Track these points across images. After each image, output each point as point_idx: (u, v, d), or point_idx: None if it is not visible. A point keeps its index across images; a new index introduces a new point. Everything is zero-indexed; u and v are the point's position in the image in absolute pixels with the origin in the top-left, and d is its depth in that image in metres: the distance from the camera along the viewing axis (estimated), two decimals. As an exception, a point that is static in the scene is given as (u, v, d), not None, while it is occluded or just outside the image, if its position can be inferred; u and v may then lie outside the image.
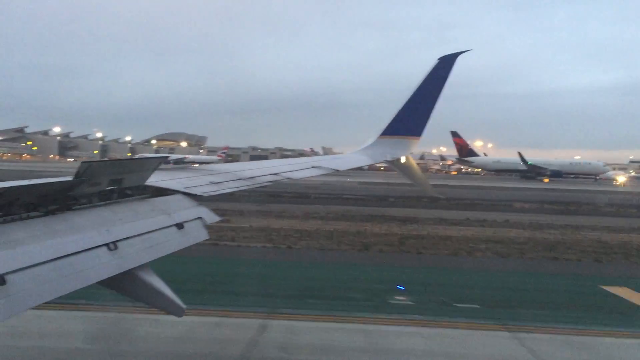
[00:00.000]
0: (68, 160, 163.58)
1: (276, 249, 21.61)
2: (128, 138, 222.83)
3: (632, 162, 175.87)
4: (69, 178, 3.74)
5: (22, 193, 3.45)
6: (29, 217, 3.44)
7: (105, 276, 3.43)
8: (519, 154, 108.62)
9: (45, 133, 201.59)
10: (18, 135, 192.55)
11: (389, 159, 12.15)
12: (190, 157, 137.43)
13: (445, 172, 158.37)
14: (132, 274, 3.70)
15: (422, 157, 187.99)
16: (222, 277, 17.01)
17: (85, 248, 3.43)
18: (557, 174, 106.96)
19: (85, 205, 3.95)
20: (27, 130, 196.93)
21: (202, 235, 4.64)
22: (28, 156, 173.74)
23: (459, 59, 11.97)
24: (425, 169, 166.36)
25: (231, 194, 6.16)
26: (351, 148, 13.79)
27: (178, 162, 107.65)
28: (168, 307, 3.86)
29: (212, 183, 6.00)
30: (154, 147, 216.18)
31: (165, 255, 4.06)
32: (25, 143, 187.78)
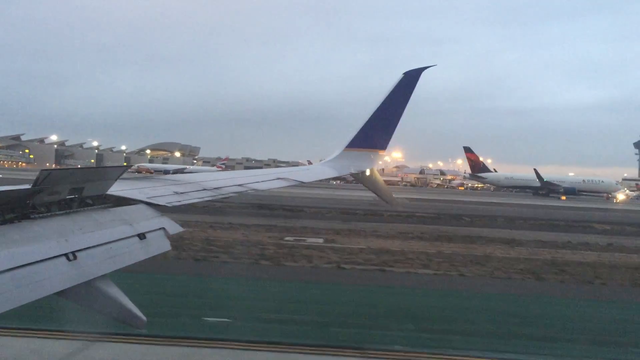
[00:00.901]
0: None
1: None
2: (123, 147, 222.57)
3: (625, 179, 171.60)
4: (28, 186, 3.66)
5: None
6: None
7: (63, 287, 3.36)
8: (535, 170, 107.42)
9: (42, 141, 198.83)
10: (15, 142, 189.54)
11: (353, 171, 12.30)
12: (191, 167, 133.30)
13: (447, 187, 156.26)
14: (92, 285, 3.64)
15: (421, 172, 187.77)
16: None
17: (43, 258, 3.35)
18: (571, 191, 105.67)
19: (44, 215, 3.86)
20: (23, 138, 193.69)
21: (164, 246, 4.60)
22: (24, 164, 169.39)
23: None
24: (425, 184, 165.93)
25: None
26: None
27: (178, 172, 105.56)
28: (128, 319, 3.80)
29: (176, 193, 5.95)
30: (148, 156, 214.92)
31: (126, 266, 4.01)
32: (23, 151, 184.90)
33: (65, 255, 3.53)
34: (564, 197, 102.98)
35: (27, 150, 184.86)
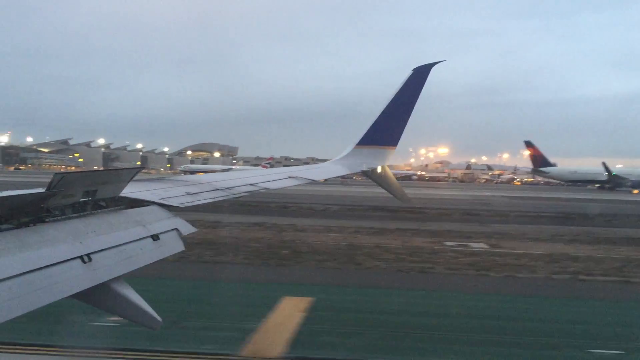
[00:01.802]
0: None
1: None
2: (165, 149, 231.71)
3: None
4: (42, 190, 3.68)
5: None
6: (0, 230, 3.38)
7: (78, 289, 3.38)
8: (603, 163, 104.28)
9: (88, 145, 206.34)
10: (63, 147, 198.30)
11: (365, 168, 12.25)
12: (235, 168, 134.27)
13: (496, 182, 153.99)
14: (107, 286, 3.65)
15: (468, 167, 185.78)
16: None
17: (58, 261, 3.37)
18: (638, 185, 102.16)
19: (58, 218, 3.88)
20: (71, 142, 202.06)
21: (178, 246, 4.61)
22: (73, 168, 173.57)
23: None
24: (472, 179, 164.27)
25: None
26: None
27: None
28: (144, 320, 3.81)
29: (188, 194, 5.96)
30: (190, 157, 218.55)
31: (140, 267, 4.02)
32: (73, 155, 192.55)
33: (80, 257, 3.54)
34: (635, 191, 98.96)
35: (77, 154, 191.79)
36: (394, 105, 12.13)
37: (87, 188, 4.09)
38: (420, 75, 12.14)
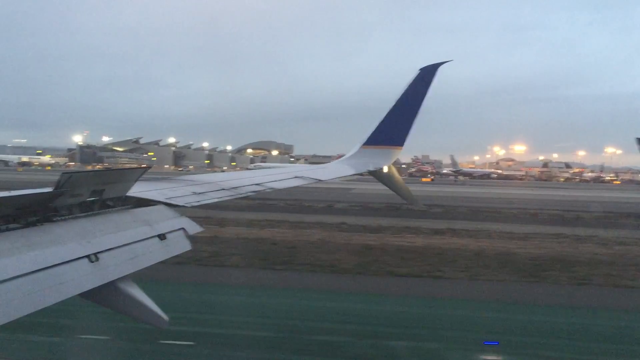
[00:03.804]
0: (179, 169, 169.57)
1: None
2: (229, 147, 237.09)
3: None
4: (50, 189, 3.70)
5: (1, 205, 3.40)
6: (8, 229, 3.40)
7: (86, 288, 3.39)
8: None
9: (157, 143, 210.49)
10: (135, 146, 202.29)
11: (371, 168, 12.22)
12: (302, 166, 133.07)
13: (579, 180, 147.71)
14: (114, 285, 3.67)
15: (545, 165, 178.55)
16: None
17: (66, 260, 3.39)
18: None
19: (66, 217, 3.90)
20: (141, 141, 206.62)
21: (184, 246, 4.62)
22: (144, 166, 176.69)
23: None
24: (550, 177, 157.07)
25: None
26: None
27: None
28: (150, 319, 3.83)
29: (194, 193, 5.97)
30: (250, 155, 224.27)
31: (147, 266, 4.03)
32: (146, 154, 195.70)
33: (88, 257, 3.56)
34: None
35: (151, 153, 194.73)
36: (401, 106, 12.10)
37: (94, 188, 4.11)
38: (427, 75, 12.10)
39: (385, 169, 12.50)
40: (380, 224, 33.41)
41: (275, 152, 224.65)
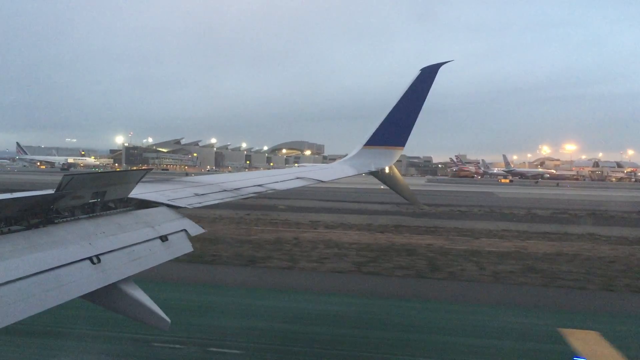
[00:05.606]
0: (224, 170, 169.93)
1: None
2: (265, 147, 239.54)
3: None
4: (51, 191, 3.71)
5: (3, 207, 3.41)
6: (10, 231, 3.41)
7: (88, 290, 3.40)
8: None
9: (197, 144, 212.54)
10: (177, 147, 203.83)
11: (373, 169, 12.21)
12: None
13: (635, 181, 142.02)
14: (116, 287, 3.67)
15: (595, 164, 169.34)
16: None
17: (68, 262, 3.39)
18: None
19: (67, 219, 3.91)
20: (183, 142, 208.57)
21: (186, 247, 4.62)
22: (186, 167, 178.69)
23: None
24: (601, 177, 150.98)
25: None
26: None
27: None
28: (152, 321, 3.83)
29: (196, 195, 5.97)
30: (284, 155, 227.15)
31: (149, 268, 4.03)
32: (190, 154, 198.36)
33: (90, 258, 3.56)
34: None
35: (195, 155, 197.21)
36: (402, 106, 12.10)
37: (96, 189, 4.12)
38: (428, 75, 12.10)
39: (387, 170, 12.50)
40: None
41: (307, 152, 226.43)
